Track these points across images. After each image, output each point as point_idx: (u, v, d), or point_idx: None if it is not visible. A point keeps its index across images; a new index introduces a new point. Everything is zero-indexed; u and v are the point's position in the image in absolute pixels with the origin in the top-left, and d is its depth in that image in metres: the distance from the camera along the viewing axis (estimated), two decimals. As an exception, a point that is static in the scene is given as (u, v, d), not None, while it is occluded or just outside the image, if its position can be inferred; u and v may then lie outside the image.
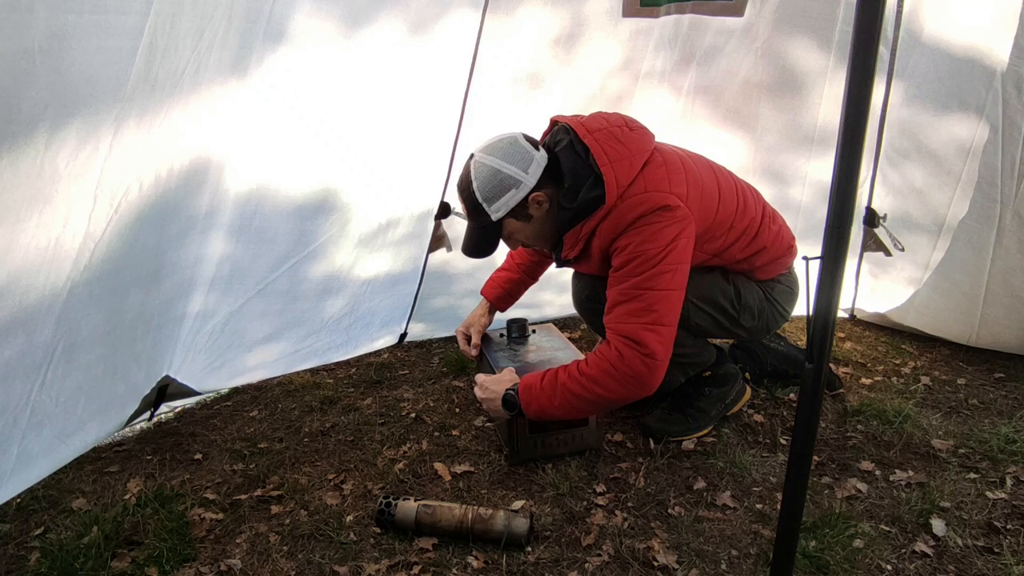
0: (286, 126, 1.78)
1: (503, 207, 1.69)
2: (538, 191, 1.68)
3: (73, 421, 1.69)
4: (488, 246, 1.80)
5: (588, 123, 1.72)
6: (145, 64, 1.30)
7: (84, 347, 1.58)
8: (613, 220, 1.66)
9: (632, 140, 1.70)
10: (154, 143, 1.44)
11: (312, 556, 1.57)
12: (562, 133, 1.74)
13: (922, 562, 1.49)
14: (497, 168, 1.67)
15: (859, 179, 1.03)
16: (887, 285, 2.55)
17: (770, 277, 1.96)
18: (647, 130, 1.77)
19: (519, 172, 1.67)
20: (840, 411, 2.10)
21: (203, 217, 1.74)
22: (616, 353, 1.61)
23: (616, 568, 1.51)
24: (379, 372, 2.49)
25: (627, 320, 1.62)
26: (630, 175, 1.65)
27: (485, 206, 1.69)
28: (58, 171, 1.26)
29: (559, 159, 1.70)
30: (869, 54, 0.92)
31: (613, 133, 1.69)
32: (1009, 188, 2.01)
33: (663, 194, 1.65)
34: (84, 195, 1.35)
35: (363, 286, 2.32)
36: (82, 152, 1.28)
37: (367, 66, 1.84)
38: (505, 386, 1.76)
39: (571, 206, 1.68)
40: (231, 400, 2.34)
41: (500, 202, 1.68)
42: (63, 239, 1.35)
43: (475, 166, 1.70)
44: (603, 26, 2.15)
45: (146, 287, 1.68)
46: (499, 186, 1.67)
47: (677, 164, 1.73)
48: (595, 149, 1.66)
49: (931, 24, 2.01)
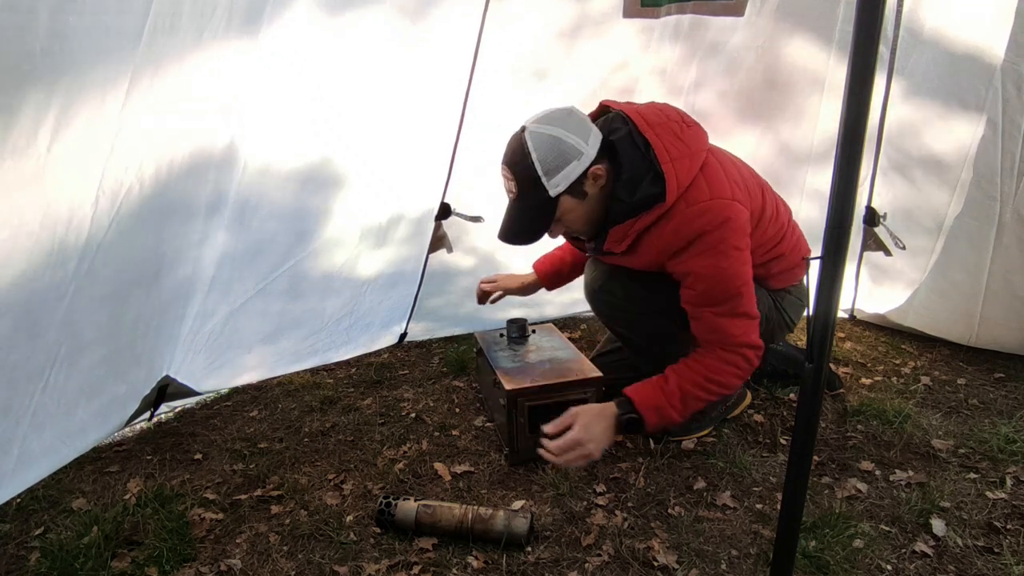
0: (285, 125, 1.78)
1: (563, 180, 1.58)
2: (597, 164, 1.59)
3: (74, 422, 1.69)
4: (540, 227, 1.67)
5: (647, 115, 1.65)
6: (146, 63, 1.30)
7: (87, 349, 1.58)
8: (675, 224, 1.62)
9: (690, 137, 1.65)
10: (155, 144, 1.44)
11: (312, 556, 1.57)
12: (619, 122, 1.66)
13: (922, 562, 1.49)
14: (559, 137, 1.56)
15: (859, 178, 1.03)
16: (887, 285, 2.55)
17: (782, 287, 1.95)
18: (700, 126, 1.72)
19: (580, 142, 1.57)
20: (840, 411, 2.10)
21: (203, 217, 1.73)
22: (741, 358, 1.67)
23: (616, 568, 1.51)
24: (379, 372, 2.49)
25: (737, 330, 1.67)
26: (690, 175, 1.61)
27: (545, 179, 1.57)
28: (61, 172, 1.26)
29: (615, 146, 1.62)
30: (869, 53, 0.92)
31: (672, 129, 1.63)
32: (1009, 187, 2.01)
33: (726, 201, 1.61)
34: (87, 197, 1.35)
35: (363, 286, 2.32)
36: (85, 153, 1.29)
37: (366, 65, 1.84)
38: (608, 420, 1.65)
39: (629, 200, 1.61)
40: (231, 400, 2.34)
41: (561, 175, 1.57)
42: (67, 241, 1.35)
43: (532, 136, 1.58)
44: (604, 24, 2.15)
45: (147, 287, 1.68)
46: (561, 156, 1.56)
47: (729, 164, 1.72)
48: (656, 145, 1.60)
49: (931, 23, 2.01)
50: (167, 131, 1.46)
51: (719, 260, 1.62)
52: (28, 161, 1.20)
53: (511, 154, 1.62)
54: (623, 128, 1.64)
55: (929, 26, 2.02)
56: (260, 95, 1.65)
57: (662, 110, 1.70)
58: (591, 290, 1.96)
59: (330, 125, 1.86)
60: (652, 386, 1.70)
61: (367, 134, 1.96)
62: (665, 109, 1.71)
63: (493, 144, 2.24)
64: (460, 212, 2.34)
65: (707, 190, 1.61)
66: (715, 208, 1.60)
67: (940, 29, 2.00)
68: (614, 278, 1.83)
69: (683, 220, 1.61)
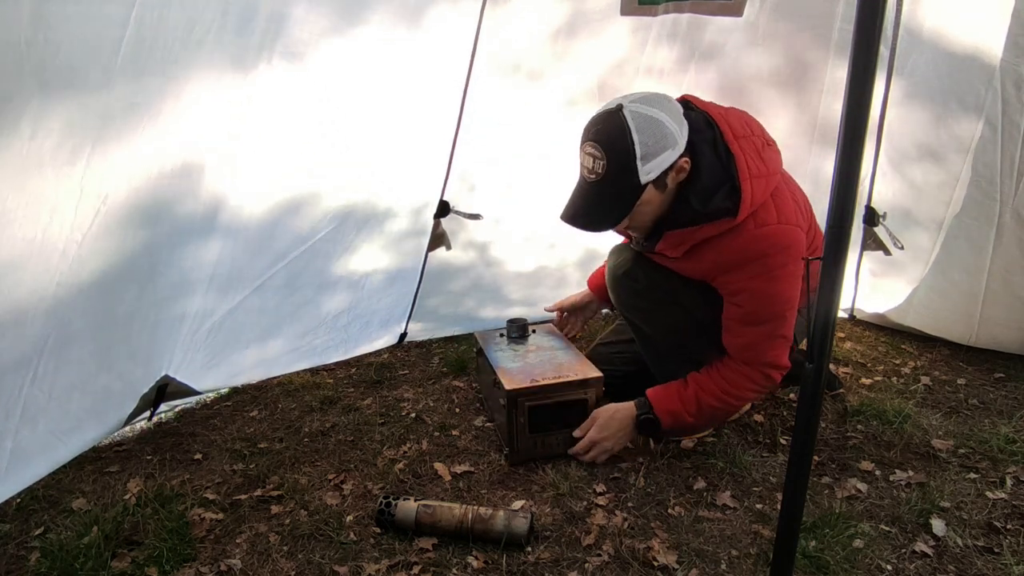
0: (283, 122, 1.78)
1: (656, 168, 1.51)
2: (684, 158, 1.54)
3: (68, 418, 1.69)
4: (620, 214, 1.59)
5: (734, 125, 1.62)
6: (132, 55, 1.30)
7: (76, 342, 1.58)
8: (741, 241, 1.60)
9: (770, 158, 1.63)
10: (144, 136, 1.43)
11: (312, 556, 1.57)
12: (703, 124, 1.60)
13: (922, 562, 1.49)
14: (661, 121, 1.49)
15: (859, 178, 1.03)
16: (887, 285, 2.55)
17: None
18: (776, 146, 1.71)
19: (678, 130, 1.51)
20: (840, 411, 2.10)
21: (199, 215, 1.73)
22: (762, 375, 1.74)
23: (616, 568, 1.51)
24: (379, 372, 2.49)
25: (771, 350, 1.72)
26: (764, 196, 1.59)
27: (640, 164, 1.49)
28: (43, 161, 1.26)
29: (696, 147, 1.56)
30: (870, 52, 0.92)
31: (756, 145, 1.61)
32: (1008, 187, 2.01)
33: (791, 227, 1.62)
34: (71, 186, 1.34)
35: (362, 285, 2.32)
36: (67, 143, 1.28)
37: (365, 63, 1.84)
38: (625, 419, 1.79)
39: (701, 208, 1.56)
40: (231, 400, 2.34)
41: (656, 161, 1.50)
42: (50, 230, 1.35)
43: (633, 116, 1.48)
44: (602, 22, 2.15)
45: (140, 284, 1.68)
46: (661, 141, 1.49)
47: (794, 189, 1.75)
48: (740, 160, 1.56)
49: (931, 22, 2.01)
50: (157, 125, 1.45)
51: (774, 284, 1.63)
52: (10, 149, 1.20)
53: (605, 132, 1.51)
54: (708, 132, 1.59)
55: (929, 26, 2.02)
56: (256, 92, 1.65)
57: (748, 123, 1.66)
58: (614, 276, 1.92)
59: (329, 121, 1.86)
60: (672, 391, 1.78)
61: (366, 132, 1.96)
62: (750, 122, 1.67)
63: (491, 142, 2.26)
64: (459, 210, 2.35)
65: (775, 213, 1.60)
66: (782, 233, 1.60)
67: (940, 29, 2.00)
68: (640, 266, 1.82)
69: (750, 239, 1.59)
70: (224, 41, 1.48)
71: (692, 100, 1.68)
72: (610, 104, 1.55)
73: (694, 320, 1.81)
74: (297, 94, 1.74)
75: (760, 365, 1.74)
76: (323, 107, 1.83)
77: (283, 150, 1.82)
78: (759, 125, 1.70)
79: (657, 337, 1.93)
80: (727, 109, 1.70)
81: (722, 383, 1.75)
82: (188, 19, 1.38)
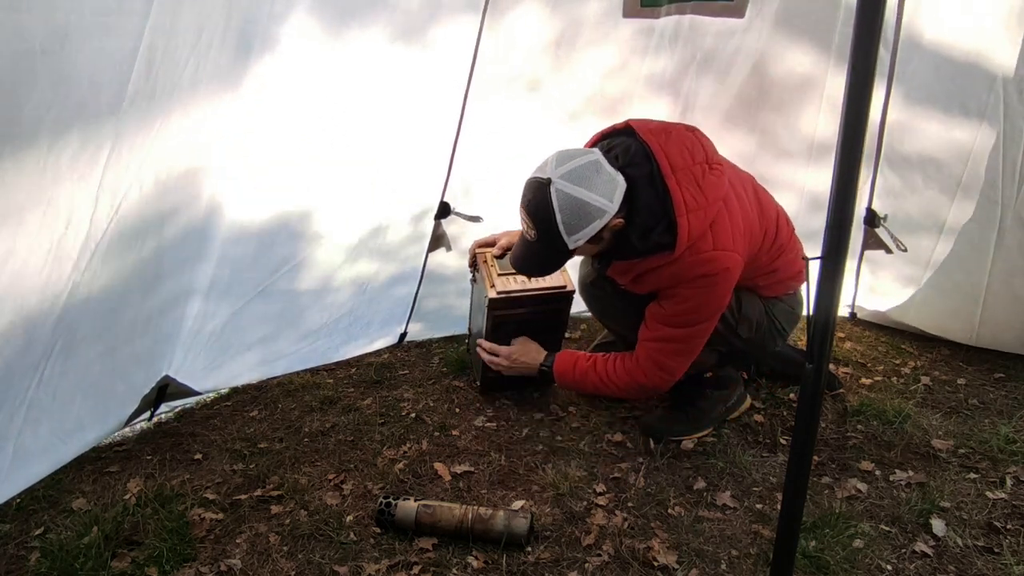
0: (286, 126, 1.78)
1: (583, 237, 1.62)
2: (618, 218, 1.62)
3: (71, 419, 1.69)
4: (554, 266, 1.79)
5: (673, 156, 1.63)
6: (146, 64, 1.30)
7: (82, 346, 1.58)
8: (676, 269, 1.67)
9: (710, 186, 1.64)
10: (155, 144, 1.44)
11: (312, 556, 1.57)
12: (641, 157, 1.63)
13: (922, 562, 1.49)
14: (585, 201, 1.58)
15: (859, 180, 1.03)
16: (886, 285, 2.55)
17: (774, 295, 1.96)
18: (723, 168, 1.70)
19: (606, 203, 1.59)
20: (840, 411, 2.10)
21: (203, 219, 1.73)
22: (643, 373, 1.81)
23: (616, 568, 1.51)
24: (379, 372, 2.49)
25: (665, 353, 1.79)
26: (701, 229, 1.63)
27: (565, 236, 1.61)
28: (61, 172, 1.26)
29: (634, 187, 1.63)
30: (869, 56, 0.92)
31: (695, 175, 1.63)
32: (1010, 191, 2.01)
33: (728, 253, 1.67)
34: (86, 196, 1.34)
35: (363, 286, 2.32)
36: (84, 153, 1.28)
37: (367, 67, 1.84)
38: (533, 364, 2.01)
39: (641, 247, 1.65)
40: (231, 400, 2.34)
41: (582, 232, 1.61)
42: (65, 240, 1.35)
43: (558, 196, 1.58)
44: (603, 26, 2.15)
45: (146, 288, 1.68)
46: (585, 218, 1.59)
47: (736, 209, 1.71)
48: (676, 196, 1.60)
49: (932, 27, 2.01)
50: (167, 131, 1.46)
51: (703, 296, 1.71)
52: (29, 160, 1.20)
53: (535, 204, 1.62)
54: (645, 166, 1.63)
55: (930, 31, 2.01)
56: (260, 96, 1.65)
57: (690, 149, 1.67)
58: (583, 285, 2.06)
59: (331, 125, 1.87)
60: (574, 359, 1.95)
61: (367, 135, 1.96)
62: (692, 147, 1.68)
63: (491, 144, 2.26)
64: (459, 211, 2.34)
65: (712, 241, 1.65)
66: (717, 259, 1.66)
67: (941, 34, 2.00)
68: (604, 276, 1.87)
69: (686, 267, 1.66)
70: (227, 44, 1.49)
71: (636, 127, 1.69)
72: (542, 172, 1.63)
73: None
74: (300, 98, 1.74)
75: (655, 365, 1.80)
76: (325, 113, 1.83)
77: (285, 153, 1.82)
78: (703, 148, 1.70)
79: (634, 338, 1.94)
80: (669, 135, 1.68)
81: (612, 371, 1.85)
82: (197, 24, 1.38)
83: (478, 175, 2.32)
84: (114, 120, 1.30)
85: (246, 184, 1.79)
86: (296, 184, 1.92)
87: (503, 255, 2.12)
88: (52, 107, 1.19)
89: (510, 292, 2.00)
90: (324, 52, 1.73)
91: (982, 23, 1.91)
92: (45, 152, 1.22)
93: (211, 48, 1.44)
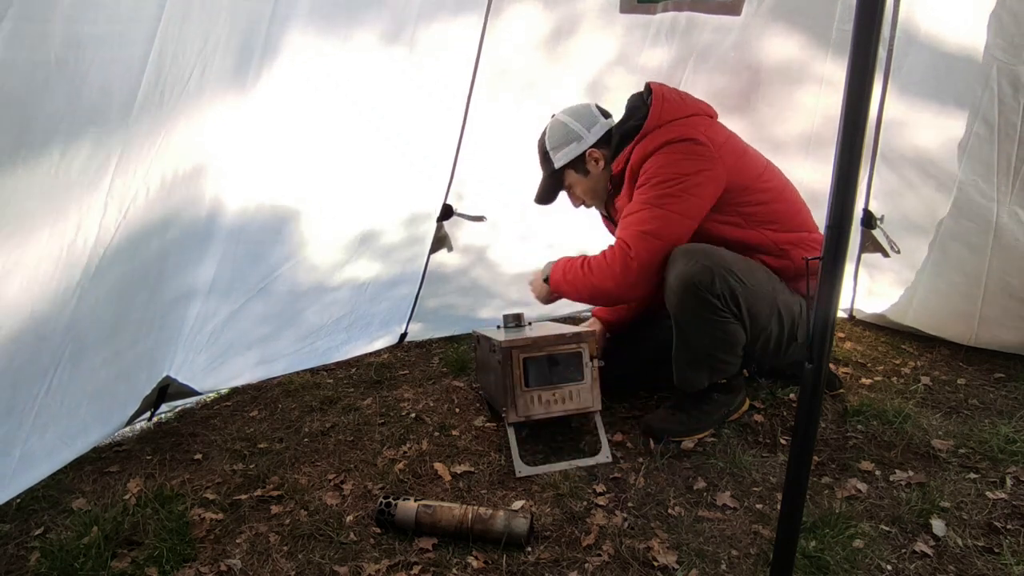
0: (289, 128, 1.78)
1: (564, 157, 2.03)
2: (595, 149, 2.01)
3: (76, 423, 1.69)
4: (552, 192, 2.13)
5: (667, 90, 1.95)
6: (156, 71, 1.31)
7: (90, 351, 1.58)
8: (646, 143, 1.88)
9: (694, 102, 1.95)
10: (162, 148, 1.44)
11: (312, 556, 1.57)
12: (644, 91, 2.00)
13: (922, 562, 1.49)
14: (565, 123, 2.03)
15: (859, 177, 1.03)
16: (884, 285, 2.55)
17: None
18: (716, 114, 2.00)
19: (582, 129, 2.02)
20: (840, 411, 2.10)
21: (205, 220, 1.74)
22: (611, 249, 1.90)
23: (616, 568, 1.51)
24: (379, 372, 2.49)
25: (628, 226, 1.88)
26: (674, 115, 1.88)
27: (551, 154, 2.04)
28: (72, 180, 1.26)
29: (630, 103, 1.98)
30: (868, 52, 0.92)
31: (681, 94, 1.96)
32: (1005, 187, 2.01)
33: (695, 130, 1.85)
34: (96, 202, 1.35)
35: (363, 287, 2.33)
36: (95, 160, 1.29)
37: (368, 70, 1.85)
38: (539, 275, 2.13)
39: (618, 131, 1.98)
40: (231, 400, 2.34)
41: (562, 152, 2.03)
42: (75, 246, 1.36)
43: (551, 121, 2.06)
44: (600, 21, 2.15)
45: (150, 290, 1.69)
46: (564, 137, 2.03)
47: (725, 129, 1.96)
48: (656, 92, 1.93)
49: (927, 23, 2.01)
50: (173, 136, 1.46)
51: (677, 158, 1.83)
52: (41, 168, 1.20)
53: (540, 136, 2.09)
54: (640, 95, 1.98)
55: (925, 27, 2.02)
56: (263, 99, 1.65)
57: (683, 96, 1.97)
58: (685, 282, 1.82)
59: (333, 128, 1.87)
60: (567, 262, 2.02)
61: (369, 138, 1.97)
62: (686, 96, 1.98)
63: (493, 144, 2.26)
64: (462, 212, 2.35)
65: (684, 124, 1.87)
66: (679, 129, 1.86)
67: (936, 30, 2.00)
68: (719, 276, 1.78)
69: (652, 138, 1.88)
70: (231, 48, 1.49)
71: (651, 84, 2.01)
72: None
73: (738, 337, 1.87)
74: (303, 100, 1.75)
75: (618, 237, 1.88)
76: (327, 115, 1.84)
77: (287, 154, 1.82)
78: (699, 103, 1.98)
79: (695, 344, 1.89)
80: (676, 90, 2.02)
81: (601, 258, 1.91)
82: (203, 30, 1.38)
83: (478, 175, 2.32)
84: (124, 127, 1.30)
85: (248, 184, 1.79)
86: (297, 184, 1.93)
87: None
88: (65, 116, 1.19)
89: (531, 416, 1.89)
90: (326, 55, 1.73)
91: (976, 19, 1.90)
92: (57, 160, 1.22)
93: (216, 53, 1.44)
